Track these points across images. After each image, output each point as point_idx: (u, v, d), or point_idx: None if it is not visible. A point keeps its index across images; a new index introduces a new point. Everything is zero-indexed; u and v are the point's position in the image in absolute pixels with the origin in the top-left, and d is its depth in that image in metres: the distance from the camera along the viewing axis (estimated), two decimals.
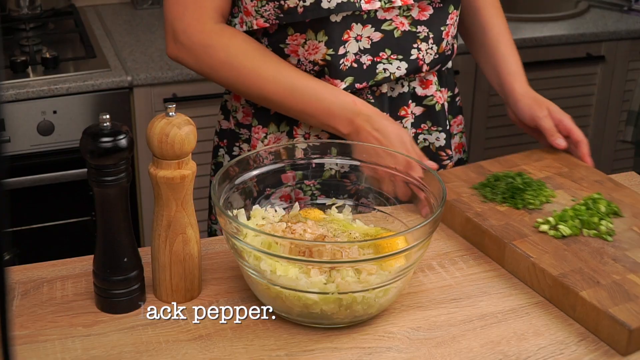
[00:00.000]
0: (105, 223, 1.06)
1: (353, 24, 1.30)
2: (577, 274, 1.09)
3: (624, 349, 1.01)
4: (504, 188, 1.27)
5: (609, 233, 1.18)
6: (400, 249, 1.02)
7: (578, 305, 1.06)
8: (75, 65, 2.25)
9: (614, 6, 2.86)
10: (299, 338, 1.04)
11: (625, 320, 1.00)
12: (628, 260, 1.12)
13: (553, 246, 1.15)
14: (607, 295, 1.05)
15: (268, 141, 1.40)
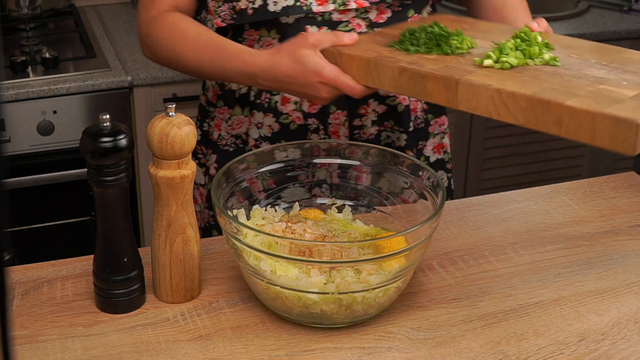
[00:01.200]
0: (105, 223, 1.06)
1: (307, 26, 1.30)
2: (550, 91, 1.02)
3: (632, 147, 0.95)
4: (426, 38, 1.19)
5: (555, 59, 1.12)
6: (400, 249, 1.02)
7: (565, 118, 0.99)
8: (75, 65, 2.25)
9: (614, 6, 2.86)
10: (299, 338, 1.04)
11: (628, 116, 0.95)
12: (589, 77, 1.07)
13: (507, 75, 1.08)
14: (592, 101, 0.99)
15: (232, 122, 1.42)
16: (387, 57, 1.15)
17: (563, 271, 1.19)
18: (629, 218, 1.33)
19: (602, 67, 1.11)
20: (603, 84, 1.05)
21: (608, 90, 1.03)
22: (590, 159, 2.91)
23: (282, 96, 1.36)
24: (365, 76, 1.16)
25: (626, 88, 1.04)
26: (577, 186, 1.43)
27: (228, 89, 1.41)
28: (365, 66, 1.15)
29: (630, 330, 1.06)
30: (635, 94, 1.01)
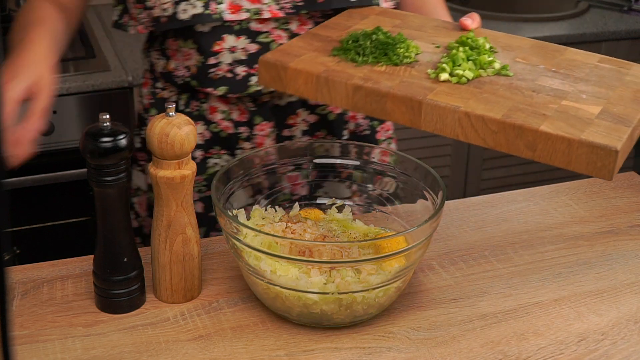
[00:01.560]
0: (105, 223, 1.06)
1: (224, 35, 1.27)
2: (518, 112, 0.99)
3: (609, 174, 0.93)
4: (372, 47, 1.13)
5: (506, 68, 1.10)
6: (400, 249, 1.02)
7: (539, 143, 0.96)
8: (75, 65, 2.25)
9: (614, 6, 2.86)
10: (299, 338, 1.04)
11: (606, 142, 0.93)
12: (547, 90, 1.05)
13: (467, 92, 1.04)
14: (565, 124, 0.96)
15: None
16: (337, 72, 1.09)
17: (563, 271, 1.19)
18: (629, 218, 1.33)
19: (552, 74, 1.10)
20: (564, 98, 1.03)
21: (572, 107, 1.01)
22: None
23: (209, 105, 1.34)
24: (315, 92, 1.09)
25: (588, 103, 1.02)
26: (577, 186, 1.43)
27: (160, 97, 1.39)
28: (314, 82, 1.09)
29: (630, 330, 1.06)
30: (599, 111, 1.00)
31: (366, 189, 1.24)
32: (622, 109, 1.01)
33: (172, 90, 1.37)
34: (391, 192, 1.20)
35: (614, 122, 0.98)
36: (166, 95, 1.38)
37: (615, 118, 0.99)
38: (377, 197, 1.22)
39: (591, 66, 1.12)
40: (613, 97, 1.04)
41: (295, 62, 1.11)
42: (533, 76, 1.09)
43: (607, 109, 1.01)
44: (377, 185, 1.22)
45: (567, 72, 1.10)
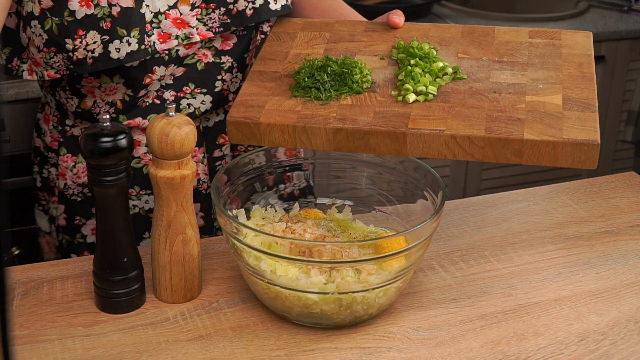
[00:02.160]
0: (105, 223, 1.06)
1: (155, 67, 1.23)
2: (496, 122, 1.06)
3: (593, 163, 1.03)
4: (329, 80, 1.13)
5: (456, 70, 1.16)
6: (400, 249, 1.02)
7: (526, 150, 1.04)
8: None
9: (614, 6, 2.86)
10: (299, 338, 1.04)
11: (586, 138, 1.02)
12: (504, 86, 1.13)
13: (440, 110, 1.09)
14: (542, 126, 1.05)
15: (77, 170, 1.31)
16: (310, 118, 1.09)
17: (563, 271, 1.19)
18: (629, 218, 1.33)
19: (499, 65, 1.17)
20: (525, 93, 1.11)
21: (538, 102, 1.09)
22: None
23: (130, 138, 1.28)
24: (293, 141, 1.09)
25: (547, 93, 1.11)
26: (577, 186, 1.43)
27: (70, 135, 1.31)
28: (290, 132, 1.09)
29: (630, 330, 1.06)
30: (562, 100, 1.09)
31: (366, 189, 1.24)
32: (579, 92, 1.11)
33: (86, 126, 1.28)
34: (391, 192, 1.20)
35: (581, 109, 1.08)
36: (77, 132, 1.30)
37: (580, 105, 1.09)
38: (377, 197, 1.22)
39: (526, 45, 1.20)
40: (564, 79, 1.13)
41: (264, 115, 1.10)
42: (485, 73, 1.16)
43: (567, 96, 1.10)
44: (377, 185, 1.22)
45: (510, 60, 1.18)
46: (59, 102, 1.29)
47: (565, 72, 1.14)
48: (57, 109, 1.31)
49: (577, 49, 1.21)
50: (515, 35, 1.23)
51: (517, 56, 1.18)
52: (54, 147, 1.34)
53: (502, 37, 1.23)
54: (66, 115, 1.30)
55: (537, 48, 1.20)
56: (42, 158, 1.37)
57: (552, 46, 1.20)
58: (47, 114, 1.34)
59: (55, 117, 1.32)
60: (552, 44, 1.21)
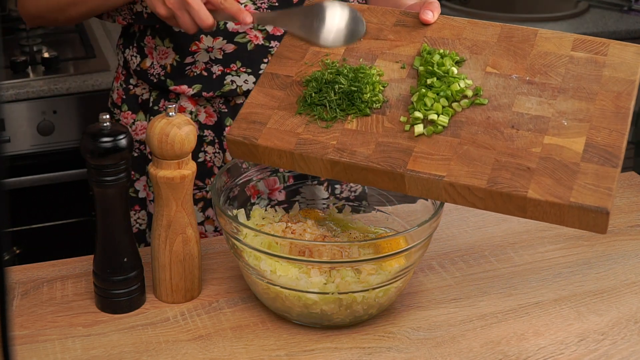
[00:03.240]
0: (105, 223, 1.06)
1: (202, 36, 1.29)
2: (502, 170, 0.97)
3: (603, 229, 0.94)
4: (337, 98, 1.06)
5: (477, 92, 1.04)
6: (400, 249, 1.02)
7: (529, 207, 0.95)
8: (75, 65, 2.25)
9: (614, 6, 2.86)
10: (299, 338, 1.04)
11: (596, 204, 0.93)
12: (525, 120, 1.01)
13: (447, 147, 1.00)
14: (552, 181, 0.95)
15: (135, 127, 1.40)
16: (309, 145, 1.03)
17: (563, 271, 1.19)
18: (629, 218, 1.33)
19: (528, 88, 1.05)
20: (545, 132, 1.00)
21: (556, 147, 0.98)
22: None
23: (178, 105, 1.34)
24: (292, 165, 1.05)
25: (570, 135, 0.99)
26: None
27: (132, 94, 1.40)
28: (288, 157, 1.04)
29: (630, 330, 1.06)
30: (584, 146, 0.98)
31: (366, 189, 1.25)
32: (607, 135, 0.99)
33: (145, 87, 1.38)
34: (391, 192, 1.20)
35: (602, 161, 0.96)
36: (138, 92, 1.39)
37: (602, 155, 0.97)
38: (377, 197, 1.22)
39: (566, 60, 1.07)
40: (595, 114, 1.01)
41: (263, 136, 1.05)
42: (509, 97, 1.04)
43: (591, 140, 0.98)
44: None
45: (542, 80, 1.05)
46: (126, 59, 1.38)
47: (598, 105, 1.01)
48: (124, 67, 1.40)
49: (621, 70, 1.05)
50: (557, 45, 1.09)
51: (551, 76, 1.05)
52: (118, 104, 1.43)
53: (543, 46, 1.09)
54: (130, 74, 1.40)
55: (576, 66, 1.06)
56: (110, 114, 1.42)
57: (594, 64, 1.06)
58: (118, 72, 1.44)
59: (123, 76, 1.42)
60: (595, 60, 1.06)
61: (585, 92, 1.04)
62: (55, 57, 2.21)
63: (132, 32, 1.36)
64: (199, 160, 1.37)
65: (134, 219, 1.42)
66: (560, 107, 1.02)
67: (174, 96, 1.34)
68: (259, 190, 1.21)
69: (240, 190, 1.17)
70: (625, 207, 1.36)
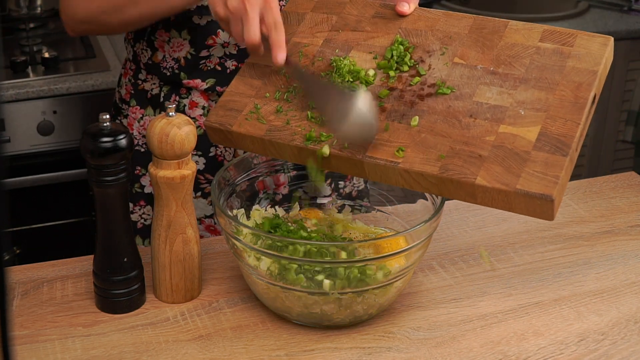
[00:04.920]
0: (105, 223, 1.06)
1: (219, 31, 1.29)
2: (455, 157, 1.00)
3: (550, 216, 0.95)
4: None
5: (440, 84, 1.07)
6: (400, 249, 1.02)
7: (478, 194, 0.98)
8: (75, 65, 2.25)
9: (614, 6, 2.86)
10: (299, 338, 1.04)
11: (541, 191, 0.95)
12: (483, 109, 1.04)
13: (406, 135, 1.04)
14: (502, 169, 0.97)
15: (144, 122, 1.39)
16: (278, 132, 1.09)
17: (563, 271, 1.19)
18: (629, 218, 1.33)
19: (491, 78, 1.07)
20: (501, 121, 1.01)
21: (510, 136, 1.00)
22: (590, 159, 2.92)
23: (190, 99, 1.34)
24: (264, 150, 1.11)
25: (526, 123, 1.01)
26: (577, 186, 1.43)
27: (141, 89, 1.39)
28: (260, 143, 1.10)
29: (630, 330, 1.06)
30: (537, 135, 0.99)
31: (366, 189, 1.25)
32: (561, 125, 1.00)
33: (155, 82, 1.37)
34: (391, 192, 1.21)
35: (553, 150, 0.98)
36: (147, 87, 1.38)
37: (554, 144, 0.98)
38: (377, 197, 1.22)
39: (532, 51, 1.08)
40: (553, 104, 1.02)
41: (237, 123, 1.11)
42: (471, 87, 1.06)
43: (545, 130, 1.00)
44: (377, 185, 1.22)
45: (505, 71, 1.07)
46: (136, 53, 1.37)
47: (557, 95, 1.03)
48: (133, 62, 1.39)
49: (585, 61, 1.06)
50: (526, 37, 1.10)
51: (515, 66, 1.07)
52: (126, 99, 1.42)
53: (511, 37, 1.11)
54: (140, 69, 1.38)
55: (541, 57, 1.07)
56: (117, 110, 1.45)
57: (560, 55, 1.07)
58: (127, 67, 1.42)
59: (131, 71, 1.40)
60: (561, 51, 1.07)
61: (547, 83, 1.05)
62: (55, 57, 2.21)
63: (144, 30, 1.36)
64: (209, 155, 1.37)
65: (139, 214, 1.42)
66: (519, 97, 1.04)
67: (186, 91, 1.34)
68: (265, 185, 1.22)
69: (250, 184, 1.17)
70: (625, 207, 1.36)
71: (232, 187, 1.15)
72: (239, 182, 1.16)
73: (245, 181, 1.18)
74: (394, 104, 1.08)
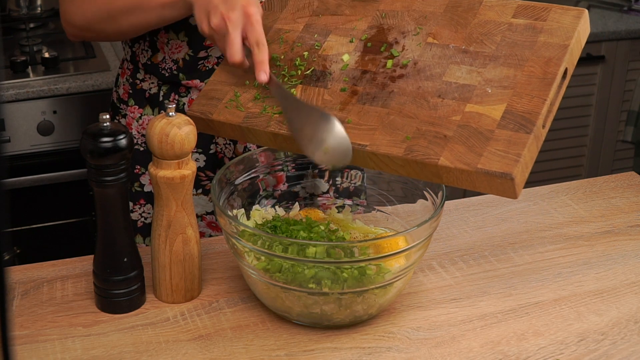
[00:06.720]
0: (105, 223, 1.06)
1: None
2: (421, 139, 1.00)
3: (513, 194, 0.96)
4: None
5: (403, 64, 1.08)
6: (400, 249, 1.02)
7: (443, 173, 0.99)
8: (75, 65, 2.25)
9: (614, 6, 2.86)
10: (299, 338, 1.04)
11: (502, 170, 0.95)
12: (452, 89, 1.04)
13: (375, 117, 1.05)
14: (465, 149, 0.98)
15: (142, 121, 1.40)
16: (254, 119, 1.11)
17: (563, 271, 1.19)
18: (629, 218, 1.33)
19: (462, 57, 1.06)
20: (468, 100, 1.01)
21: (475, 115, 1.00)
22: (590, 159, 2.92)
23: (189, 98, 1.35)
24: (243, 137, 1.13)
25: (492, 102, 1.01)
26: (577, 186, 1.43)
27: (139, 88, 1.40)
28: (238, 130, 1.13)
29: (630, 330, 1.06)
30: (502, 113, 0.99)
31: (366, 189, 1.24)
32: (528, 102, 0.99)
33: (153, 81, 1.38)
34: (391, 192, 1.21)
35: (516, 128, 0.97)
36: (145, 87, 1.39)
37: (518, 121, 0.98)
38: (377, 197, 1.22)
39: (504, 28, 1.07)
40: (520, 81, 1.01)
41: (217, 112, 1.14)
42: (442, 67, 1.06)
43: (511, 107, 0.99)
44: (377, 185, 1.22)
45: (476, 49, 1.06)
46: (135, 53, 1.38)
47: (526, 72, 1.02)
48: (131, 62, 1.40)
49: (557, 35, 1.04)
50: (499, 13, 1.09)
51: (486, 44, 1.06)
52: (124, 99, 1.43)
53: (485, 14, 1.09)
54: (138, 69, 1.39)
55: (513, 33, 1.06)
56: (115, 110, 1.46)
57: (532, 30, 1.05)
58: (124, 67, 1.43)
59: (129, 70, 1.41)
60: (534, 27, 1.05)
61: (516, 59, 1.04)
62: (55, 57, 2.21)
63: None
64: (210, 152, 1.37)
65: (139, 212, 1.42)
66: (488, 75, 1.04)
67: (185, 89, 1.35)
68: (266, 184, 1.22)
69: (250, 183, 1.18)
70: (626, 207, 1.36)
71: (232, 187, 1.15)
72: (240, 182, 1.16)
73: (246, 180, 1.18)
74: (366, 87, 1.08)
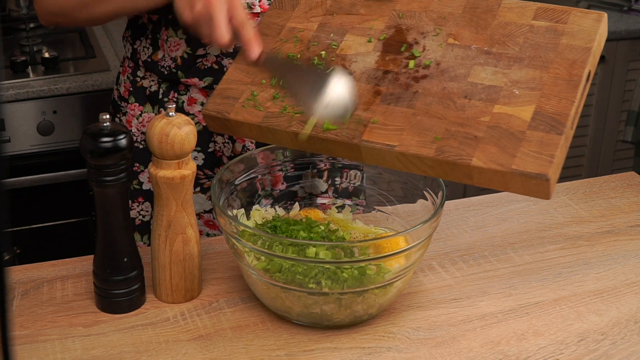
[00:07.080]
0: (105, 223, 1.06)
1: None
2: (451, 139, 1.00)
3: (546, 195, 0.96)
4: None
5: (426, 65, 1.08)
6: (400, 249, 1.02)
7: (475, 174, 0.98)
8: (75, 65, 2.25)
9: (614, 6, 2.86)
10: (299, 338, 1.04)
11: (537, 170, 0.95)
12: (478, 90, 1.04)
13: (402, 118, 1.04)
14: (497, 149, 0.98)
15: (142, 119, 1.40)
16: (275, 118, 1.09)
17: (563, 271, 1.19)
18: (629, 218, 1.33)
19: (485, 58, 1.07)
20: (496, 101, 1.02)
21: (504, 116, 1.00)
22: (590, 159, 2.92)
23: (188, 96, 1.35)
24: (261, 137, 1.11)
25: (520, 103, 1.01)
26: (577, 186, 1.43)
27: (140, 86, 1.40)
28: (257, 129, 1.11)
29: (630, 330, 1.06)
30: (532, 114, 1.00)
31: (366, 189, 1.24)
32: (556, 103, 1.00)
33: (153, 79, 1.38)
34: (391, 192, 1.21)
35: (548, 129, 0.98)
36: (146, 84, 1.39)
37: (549, 122, 0.99)
38: (377, 197, 1.22)
39: (525, 29, 1.08)
40: (547, 83, 1.02)
41: (234, 111, 1.12)
42: (466, 68, 1.06)
43: (540, 109, 1.00)
44: (377, 185, 1.22)
45: (499, 51, 1.07)
46: (136, 50, 1.38)
47: (552, 74, 1.03)
48: (132, 59, 1.40)
49: (578, 38, 1.05)
50: (519, 15, 1.10)
51: (509, 45, 1.07)
52: (125, 97, 1.43)
53: (505, 15, 1.10)
54: (138, 66, 1.39)
55: (535, 35, 1.07)
56: (116, 107, 1.46)
57: (553, 33, 1.07)
58: (125, 65, 1.44)
59: (130, 68, 1.41)
60: (555, 29, 1.07)
61: (541, 61, 1.05)
62: (55, 57, 2.21)
63: (142, 24, 1.37)
64: (209, 151, 1.37)
65: (138, 210, 1.42)
66: (514, 77, 1.04)
67: (184, 88, 1.35)
68: (265, 183, 1.22)
69: (250, 183, 1.18)
70: (625, 207, 1.36)
71: (232, 187, 1.15)
72: (239, 182, 1.16)
73: (245, 180, 1.18)
74: (389, 87, 1.08)
